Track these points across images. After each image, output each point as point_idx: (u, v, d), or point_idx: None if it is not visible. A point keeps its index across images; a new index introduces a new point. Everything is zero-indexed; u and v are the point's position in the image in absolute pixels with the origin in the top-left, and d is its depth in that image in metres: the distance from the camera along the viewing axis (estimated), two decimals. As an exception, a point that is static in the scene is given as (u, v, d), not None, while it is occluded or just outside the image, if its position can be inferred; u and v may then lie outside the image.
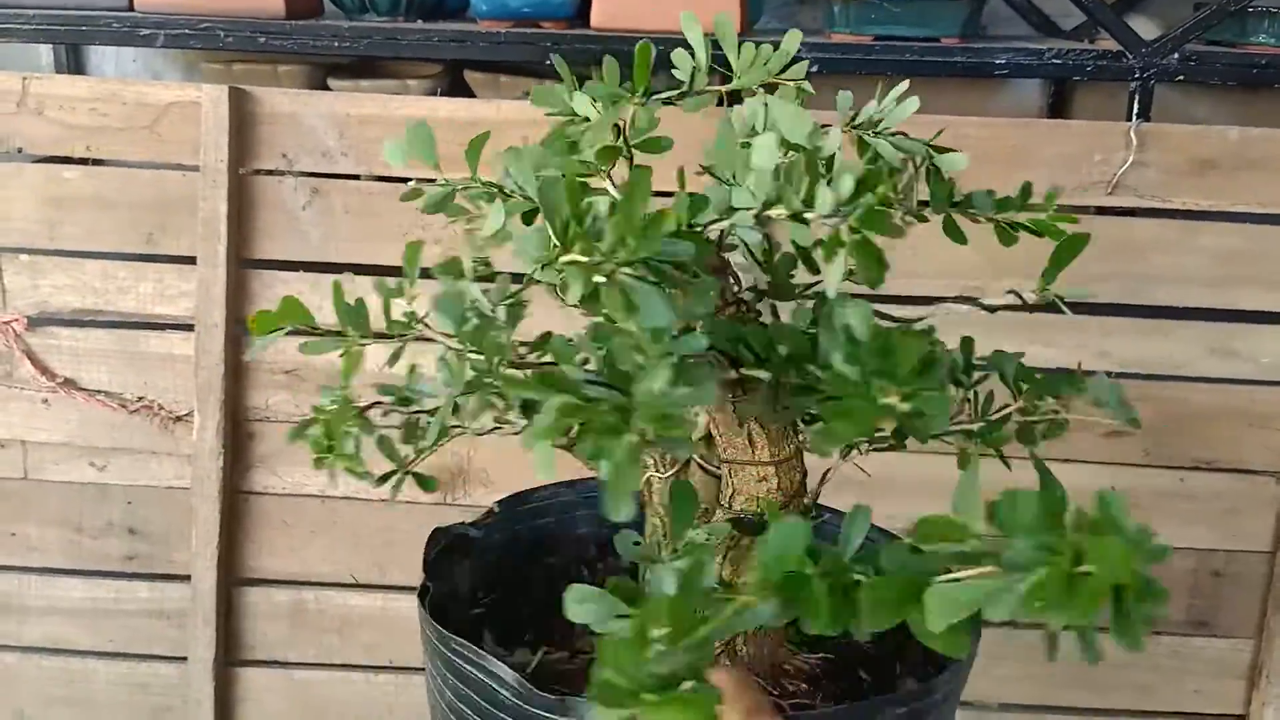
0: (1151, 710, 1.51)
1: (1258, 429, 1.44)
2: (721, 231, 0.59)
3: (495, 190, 0.66)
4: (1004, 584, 0.39)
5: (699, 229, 0.54)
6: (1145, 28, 1.74)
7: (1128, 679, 1.50)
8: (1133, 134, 1.38)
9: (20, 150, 1.45)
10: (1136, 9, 1.77)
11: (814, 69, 1.44)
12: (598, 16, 1.46)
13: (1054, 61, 1.44)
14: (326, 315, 0.67)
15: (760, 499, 0.65)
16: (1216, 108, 1.79)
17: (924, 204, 0.67)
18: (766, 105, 0.60)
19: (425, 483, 0.66)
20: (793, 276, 0.67)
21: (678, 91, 0.70)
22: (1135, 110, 1.42)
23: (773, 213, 0.52)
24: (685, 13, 0.69)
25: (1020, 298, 0.68)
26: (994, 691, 1.50)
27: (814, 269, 0.62)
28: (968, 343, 0.68)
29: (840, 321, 0.48)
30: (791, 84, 0.69)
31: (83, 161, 1.46)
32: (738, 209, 0.53)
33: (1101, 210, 1.43)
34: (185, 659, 1.50)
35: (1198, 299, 1.43)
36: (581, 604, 0.50)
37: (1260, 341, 1.43)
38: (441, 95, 1.54)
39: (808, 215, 0.50)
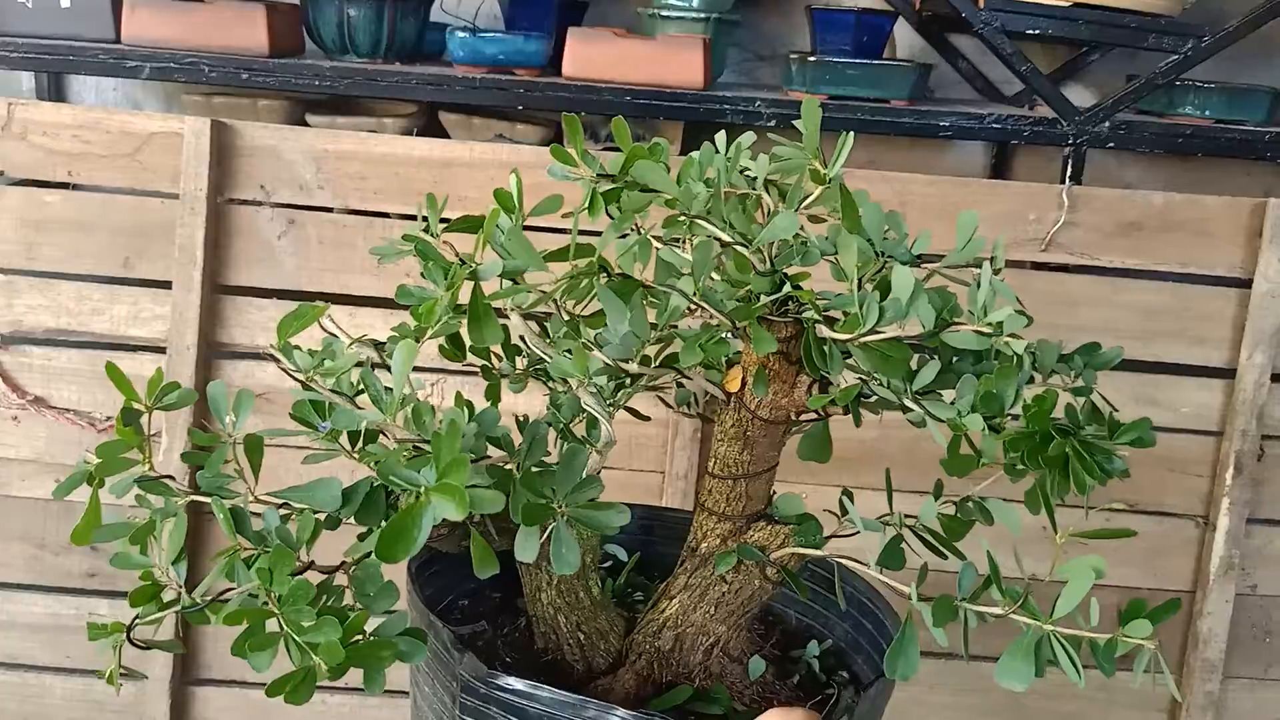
0: (1078, 742, 1.58)
1: (1178, 474, 1.53)
2: None
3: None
4: None
5: None
6: (1082, 96, 1.85)
7: (1055, 709, 1.58)
8: (1064, 195, 1.48)
9: (2, 173, 1.49)
10: (1075, 77, 1.89)
11: (771, 123, 1.52)
12: (569, 66, 1.54)
13: (994, 126, 1.54)
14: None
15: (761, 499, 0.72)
16: (1148, 172, 1.90)
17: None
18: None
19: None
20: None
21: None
22: (1069, 173, 1.53)
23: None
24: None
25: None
26: (927, 718, 1.57)
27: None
28: None
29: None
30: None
31: (63, 186, 1.50)
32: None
33: (1036, 266, 1.52)
34: (145, 677, 1.51)
35: (1123, 351, 1.52)
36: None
37: (1180, 392, 1.52)
38: (417, 134, 1.60)
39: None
